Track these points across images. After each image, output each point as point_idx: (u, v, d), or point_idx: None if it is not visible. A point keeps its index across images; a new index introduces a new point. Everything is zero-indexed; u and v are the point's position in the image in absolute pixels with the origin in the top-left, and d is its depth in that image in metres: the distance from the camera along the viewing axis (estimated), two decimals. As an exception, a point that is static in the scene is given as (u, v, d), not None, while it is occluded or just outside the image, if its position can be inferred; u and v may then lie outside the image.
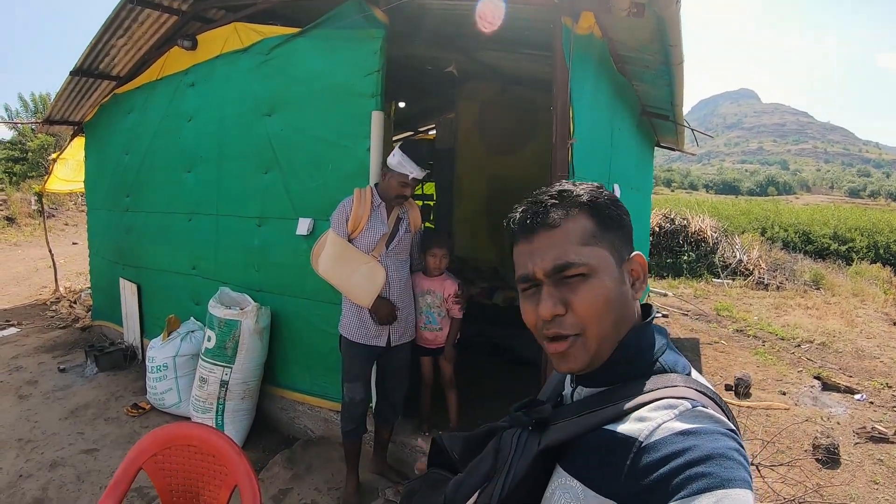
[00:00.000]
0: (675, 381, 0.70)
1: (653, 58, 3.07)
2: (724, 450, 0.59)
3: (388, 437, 2.91)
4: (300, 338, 3.23)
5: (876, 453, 3.69)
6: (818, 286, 8.91)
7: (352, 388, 2.68)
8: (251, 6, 3.43)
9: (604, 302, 0.73)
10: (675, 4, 2.14)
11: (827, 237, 13.51)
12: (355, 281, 2.60)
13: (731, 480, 0.57)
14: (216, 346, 3.18)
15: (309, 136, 3.07)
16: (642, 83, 3.89)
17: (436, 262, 2.82)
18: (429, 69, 4.56)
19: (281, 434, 3.41)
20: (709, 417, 0.64)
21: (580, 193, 0.77)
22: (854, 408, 4.33)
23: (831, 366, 5.20)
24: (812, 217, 15.53)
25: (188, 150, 3.79)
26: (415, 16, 2.92)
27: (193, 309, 3.80)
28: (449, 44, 3.70)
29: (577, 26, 2.48)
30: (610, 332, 0.74)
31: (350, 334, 2.67)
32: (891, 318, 6.94)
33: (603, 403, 0.72)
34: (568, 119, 2.39)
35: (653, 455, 0.62)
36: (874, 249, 12.97)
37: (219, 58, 3.57)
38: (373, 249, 2.62)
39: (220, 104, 3.56)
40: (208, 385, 3.18)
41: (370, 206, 2.62)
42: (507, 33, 2.86)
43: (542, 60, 3.55)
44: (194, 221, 3.77)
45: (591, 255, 0.74)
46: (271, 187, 3.24)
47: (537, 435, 0.74)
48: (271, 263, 3.29)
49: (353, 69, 2.90)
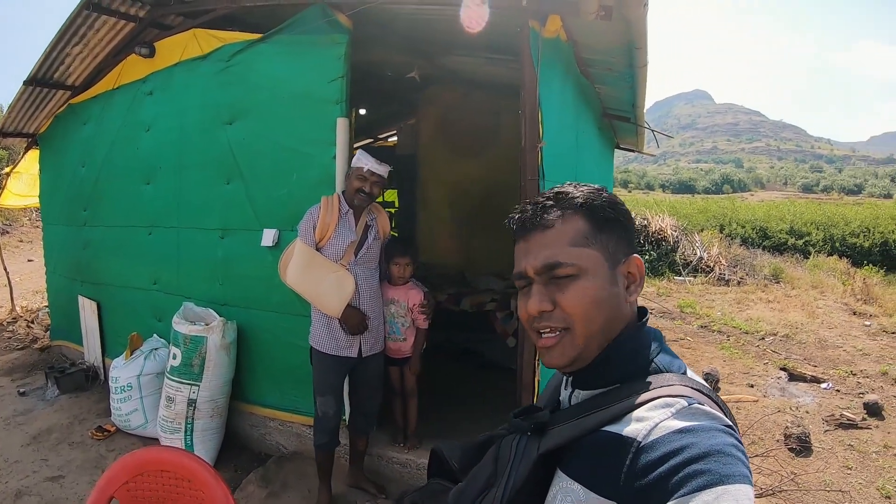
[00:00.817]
0: (670, 381, 0.70)
1: (617, 60, 3.05)
2: (722, 446, 0.59)
3: (363, 448, 2.84)
4: (268, 352, 3.10)
5: (846, 439, 3.75)
6: (778, 280, 9.14)
7: (324, 401, 2.59)
8: (210, 12, 3.28)
9: (591, 302, 0.73)
10: (642, 7, 2.11)
11: (784, 232, 13.95)
12: (324, 290, 2.52)
13: (729, 476, 0.56)
14: (182, 364, 3.04)
15: (272, 145, 2.95)
16: (605, 86, 3.88)
17: (399, 270, 2.74)
18: (389, 75, 4.45)
19: (252, 451, 3.28)
20: (705, 414, 0.64)
21: (576, 195, 0.77)
22: (821, 396, 4.41)
23: (796, 357, 5.30)
24: (768, 213, 16.02)
25: (147, 161, 3.60)
26: (376, 21, 2.83)
27: (156, 326, 3.60)
28: (411, 49, 3.62)
29: (544, 30, 2.44)
30: (597, 331, 0.74)
31: (321, 346, 2.58)
32: (850, 308, 7.15)
33: (600, 406, 0.71)
34: (537, 122, 2.35)
35: (651, 454, 0.61)
36: (830, 242, 13.43)
37: (177, 65, 3.41)
38: (341, 258, 2.55)
39: (179, 113, 3.39)
40: (176, 404, 3.04)
41: (338, 214, 2.53)
42: (471, 37, 2.80)
43: (504, 64, 3.50)
44: (154, 235, 3.59)
45: (582, 256, 0.74)
46: (234, 198, 3.10)
47: (536, 440, 0.74)
48: (236, 276, 3.15)
49: (317, 75, 2.80)
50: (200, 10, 3.33)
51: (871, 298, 7.81)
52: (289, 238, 2.81)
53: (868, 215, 14.96)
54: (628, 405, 0.68)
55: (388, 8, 2.66)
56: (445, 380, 3.87)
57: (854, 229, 13.74)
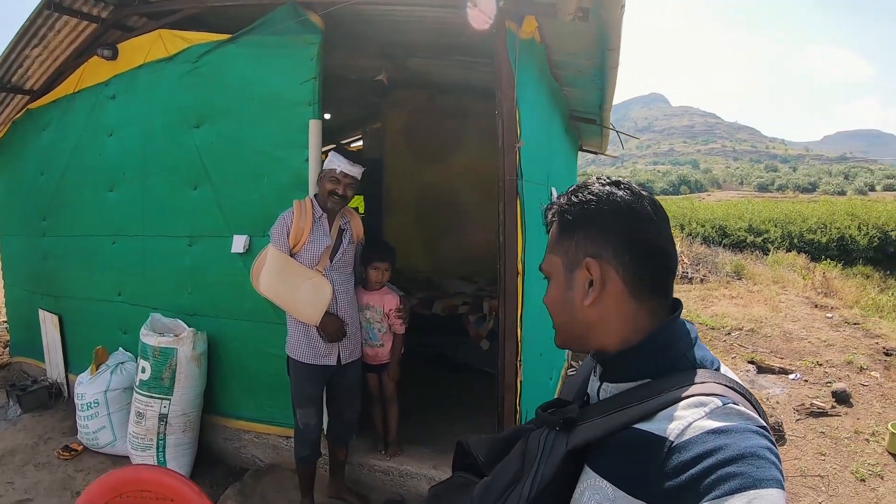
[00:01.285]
0: (703, 377, 0.67)
1: (588, 62, 3.05)
2: (756, 448, 0.57)
3: (344, 457, 2.75)
4: (241, 362, 2.98)
5: (818, 427, 3.84)
6: (740, 276, 9.37)
7: (305, 413, 2.50)
8: (176, 12, 3.14)
9: (551, 304, 0.79)
10: (619, 9, 2.09)
11: (743, 230, 14.36)
12: (300, 297, 2.42)
13: (762, 480, 0.55)
14: (152, 378, 2.90)
15: (242, 148, 2.83)
16: (573, 88, 3.87)
17: (378, 275, 2.68)
18: (353, 78, 4.35)
19: (227, 466, 3.15)
20: (739, 415, 0.62)
21: (560, 199, 0.79)
22: (790, 387, 4.50)
23: (763, 350, 5.41)
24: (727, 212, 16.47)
25: (110, 168, 3.42)
26: (343, 23, 2.75)
27: (122, 338, 3.43)
28: (378, 52, 3.54)
29: (520, 31, 2.41)
30: (560, 327, 0.79)
31: (298, 355, 2.48)
32: (812, 302, 7.36)
33: (630, 402, 0.69)
34: (515, 123, 2.30)
35: (684, 455, 0.59)
36: (788, 239, 13.88)
37: (142, 67, 3.24)
38: (317, 263, 2.45)
39: (143, 117, 3.23)
40: (146, 420, 2.91)
41: (311, 218, 2.44)
42: (440, 39, 2.76)
43: (472, 67, 3.46)
44: (119, 244, 3.41)
45: (549, 261, 0.80)
46: (202, 203, 2.96)
47: (565, 435, 0.72)
48: (205, 285, 3.02)
49: (289, 76, 2.70)
50: (166, 11, 3.18)
51: (832, 291, 8.08)
52: (260, 244, 2.69)
53: (824, 212, 15.55)
54: (660, 402, 0.66)
55: (358, 9, 2.58)
56: (421, 385, 3.81)
57: (811, 226, 14.25)
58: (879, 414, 4.03)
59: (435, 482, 2.73)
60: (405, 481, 2.81)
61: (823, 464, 3.40)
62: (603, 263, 0.73)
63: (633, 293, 0.73)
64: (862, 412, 4.06)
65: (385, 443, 2.94)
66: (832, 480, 3.21)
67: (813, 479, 3.22)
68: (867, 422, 3.91)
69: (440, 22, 2.64)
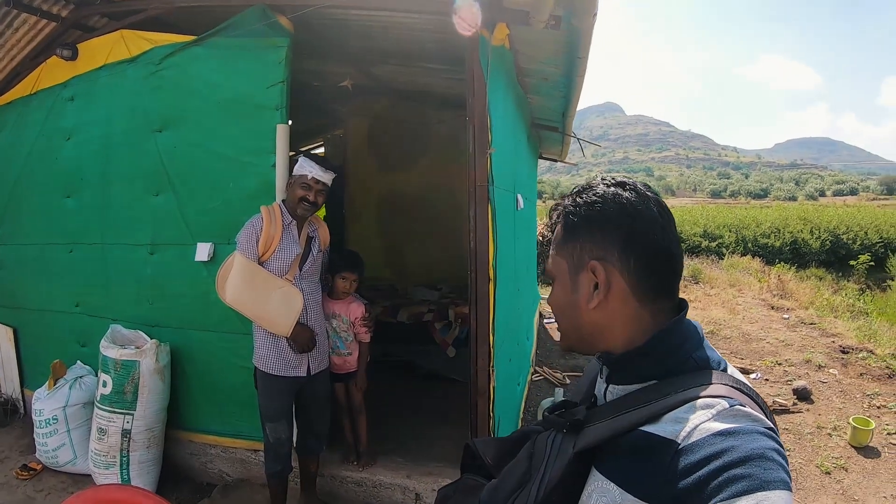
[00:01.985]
0: (710, 379, 0.66)
1: (556, 69, 3.04)
2: (764, 450, 0.56)
3: (315, 470, 2.66)
4: (206, 374, 2.84)
5: (781, 424, 3.91)
6: (697, 280, 9.55)
7: (275, 427, 2.39)
8: (139, 12, 2.99)
9: (555, 306, 0.78)
10: (591, 17, 2.08)
11: (698, 235, 14.73)
12: (271, 308, 2.31)
13: (770, 482, 0.54)
14: (113, 392, 2.76)
15: (206, 153, 2.70)
16: (537, 95, 3.87)
17: (346, 285, 2.62)
18: (316, 85, 4.25)
19: (194, 482, 3.01)
20: (746, 416, 0.61)
21: (565, 200, 0.78)
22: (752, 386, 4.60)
23: (723, 351, 5.52)
24: (682, 218, 16.86)
25: (68, 173, 3.21)
26: (309, 28, 2.67)
27: (80, 351, 3.23)
28: (343, 57, 3.46)
29: (492, 37, 2.37)
30: (567, 330, 0.78)
31: (268, 367, 2.37)
32: (768, 303, 7.56)
33: (637, 403, 0.68)
34: (486, 129, 2.26)
35: (691, 457, 0.58)
36: (742, 243, 14.33)
37: (102, 69, 3.07)
38: (286, 272, 2.35)
39: (103, 120, 3.05)
40: (108, 436, 2.76)
41: (281, 225, 2.33)
42: (408, 45, 2.70)
43: (437, 74, 3.42)
44: (76, 252, 3.20)
45: (554, 262, 0.78)
46: (164, 210, 2.81)
47: (572, 437, 0.71)
48: (168, 295, 2.87)
49: (256, 80, 2.60)
50: (129, 11, 3.02)
51: (787, 293, 8.33)
52: (225, 252, 2.57)
53: (777, 217, 16.16)
54: (667, 404, 0.64)
55: (328, 13, 2.50)
56: (388, 393, 3.75)
57: (765, 230, 14.77)
58: (840, 409, 4.14)
59: (409, 492, 2.68)
60: (379, 492, 2.73)
61: (789, 459, 3.46)
62: (608, 266, 0.72)
63: (638, 295, 0.72)
64: (823, 408, 4.16)
65: (356, 453, 2.86)
66: (798, 475, 3.27)
67: (779, 474, 3.28)
68: (828, 417, 4.01)
69: (410, 28, 2.58)
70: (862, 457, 3.49)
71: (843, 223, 14.89)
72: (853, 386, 4.54)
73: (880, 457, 3.49)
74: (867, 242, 14.21)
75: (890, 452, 3.54)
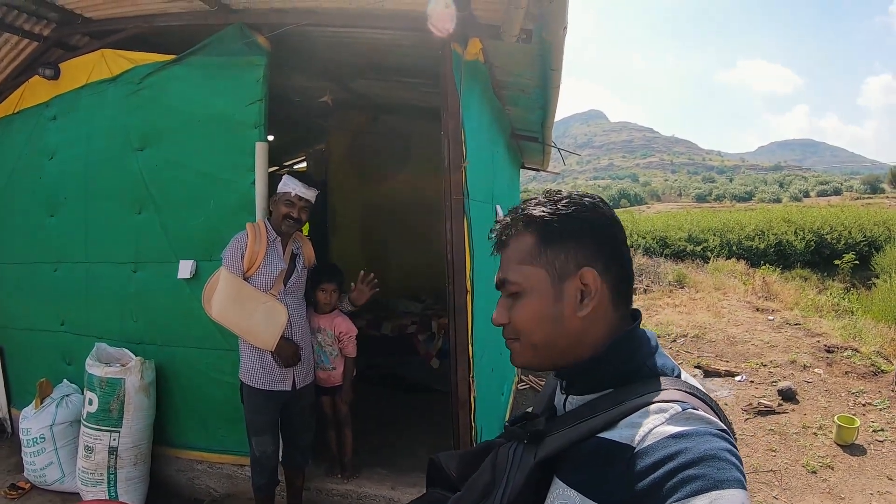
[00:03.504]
0: (664, 385, 0.68)
1: (531, 82, 3.06)
2: (717, 451, 0.57)
3: (301, 483, 2.64)
4: (191, 390, 2.80)
5: (766, 425, 3.89)
6: (682, 285, 9.49)
7: (261, 441, 2.38)
8: (120, 31, 2.99)
9: (530, 319, 0.73)
10: (562, 30, 2.10)
11: (683, 240, 14.70)
12: (256, 322, 2.32)
13: (723, 482, 0.55)
14: (99, 410, 2.72)
15: (187, 171, 2.69)
16: (515, 107, 3.89)
17: (326, 297, 2.60)
18: (297, 100, 4.24)
19: (181, 498, 2.96)
20: (699, 419, 0.62)
21: (532, 211, 0.75)
22: (737, 388, 4.57)
23: (708, 354, 5.49)
24: (667, 223, 16.84)
25: (50, 191, 3.19)
26: (289, 44, 2.68)
27: (66, 370, 3.18)
28: (322, 73, 3.46)
29: (465, 52, 2.39)
30: (541, 343, 0.73)
31: (254, 381, 2.37)
32: (753, 306, 7.53)
33: (594, 412, 0.69)
34: (460, 143, 2.27)
35: (646, 460, 0.59)
36: (727, 247, 14.30)
37: (84, 88, 3.06)
38: (271, 287, 2.36)
39: (85, 139, 3.03)
40: (95, 454, 2.72)
41: (266, 242, 2.35)
42: (385, 60, 2.71)
43: (416, 88, 3.43)
44: (60, 271, 3.17)
45: (525, 274, 0.73)
46: (146, 228, 2.79)
47: (533, 447, 0.72)
48: (151, 312, 2.84)
49: (235, 98, 2.60)
50: (109, 30, 3.02)
51: (772, 295, 8.32)
52: (207, 269, 2.56)
53: (761, 219, 16.17)
54: (622, 411, 0.66)
55: (305, 30, 2.51)
56: (374, 406, 3.73)
57: (749, 233, 14.76)
58: (825, 408, 4.13)
59: (393, 503, 2.64)
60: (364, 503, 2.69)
61: (775, 459, 3.44)
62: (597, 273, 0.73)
63: (614, 302, 0.73)
64: (808, 408, 4.15)
65: (341, 465, 2.84)
66: (784, 475, 3.26)
67: (766, 475, 3.26)
68: (814, 416, 4.00)
69: (386, 43, 2.60)
70: (848, 455, 3.48)
71: (827, 223, 14.91)
72: (838, 385, 4.54)
73: (866, 454, 3.49)
74: (851, 241, 14.18)
75: (875, 450, 3.54)
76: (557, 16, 2.04)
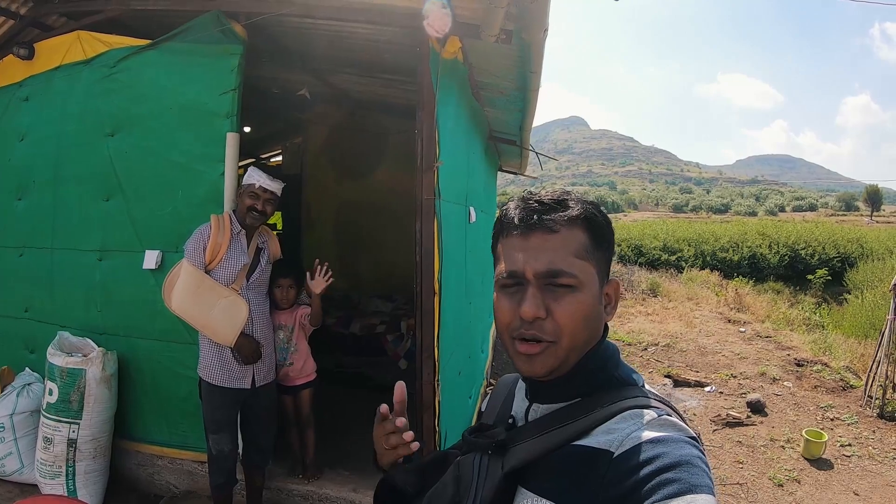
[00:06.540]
0: (634, 393, 0.68)
1: (510, 84, 2.98)
2: (690, 457, 0.58)
3: (261, 483, 2.53)
4: (153, 384, 2.67)
5: (734, 436, 3.83)
6: (656, 294, 9.45)
7: (218, 438, 2.27)
8: (97, 13, 2.85)
9: (582, 317, 0.69)
10: (542, 32, 2.01)
11: (657, 249, 14.65)
12: (215, 316, 2.20)
13: (697, 486, 0.56)
14: (59, 400, 2.59)
15: (157, 159, 2.56)
16: (494, 108, 3.80)
17: (282, 293, 2.46)
18: (275, 92, 4.11)
19: (141, 493, 2.83)
20: (673, 426, 0.63)
21: (581, 205, 0.71)
22: (706, 399, 4.52)
23: (678, 364, 5.44)
24: (643, 232, 16.81)
25: (19, 174, 3.02)
26: (268, 35, 2.55)
27: (28, 358, 3.02)
28: (300, 66, 3.33)
29: (443, 51, 2.29)
30: (580, 345, 0.70)
31: (211, 378, 2.26)
32: (725, 317, 7.52)
33: (566, 420, 0.68)
34: (434, 142, 2.17)
35: (626, 463, 0.59)
36: (701, 257, 14.29)
37: (58, 69, 2.91)
38: (233, 282, 2.25)
39: (57, 121, 2.88)
40: (54, 445, 2.59)
41: (230, 234, 2.23)
42: (364, 56, 2.60)
43: (395, 85, 3.32)
44: (26, 256, 3.00)
45: (582, 268, 0.69)
46: (114, 216, 2.65)
47: (499, 458, 0.69)
48: (115, 302, 2.69)
49: (208, 87, 2.47)
50: (86, 11, 2.88)
51: (744, 307, 8.32)
52: (173, 260, 2.43)
53: (736, 232, 16.21)
54: (596, 419, 0.65)
55: (284, 20, 2.39)
56: (338, 405, 3.60)
57: (724, 245, 14.77)
58: (793, 422, 4.09)
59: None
60: (326, 506, 2.58)
61: (742, 471, 3.38)
62: None
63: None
64: (776, 421, 4.11)
65: (303, 466, 2.72)
66: (751, 487, 3.20)
67: (732, 487, 3.20)
68: (782, 429, 3.96)
69: (365, 38, 2.49)
70: (815, 469, 3.44)
71: (801, 238, 14.97)
72: (807, 398, 4.51)
73: (833, 469, 3.45)
74: (825, 257, 14.18)
75: (842, 465, 3.50)
76: (538, 17, 1.96)
